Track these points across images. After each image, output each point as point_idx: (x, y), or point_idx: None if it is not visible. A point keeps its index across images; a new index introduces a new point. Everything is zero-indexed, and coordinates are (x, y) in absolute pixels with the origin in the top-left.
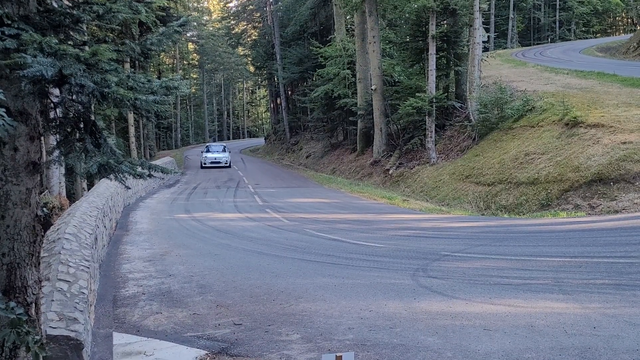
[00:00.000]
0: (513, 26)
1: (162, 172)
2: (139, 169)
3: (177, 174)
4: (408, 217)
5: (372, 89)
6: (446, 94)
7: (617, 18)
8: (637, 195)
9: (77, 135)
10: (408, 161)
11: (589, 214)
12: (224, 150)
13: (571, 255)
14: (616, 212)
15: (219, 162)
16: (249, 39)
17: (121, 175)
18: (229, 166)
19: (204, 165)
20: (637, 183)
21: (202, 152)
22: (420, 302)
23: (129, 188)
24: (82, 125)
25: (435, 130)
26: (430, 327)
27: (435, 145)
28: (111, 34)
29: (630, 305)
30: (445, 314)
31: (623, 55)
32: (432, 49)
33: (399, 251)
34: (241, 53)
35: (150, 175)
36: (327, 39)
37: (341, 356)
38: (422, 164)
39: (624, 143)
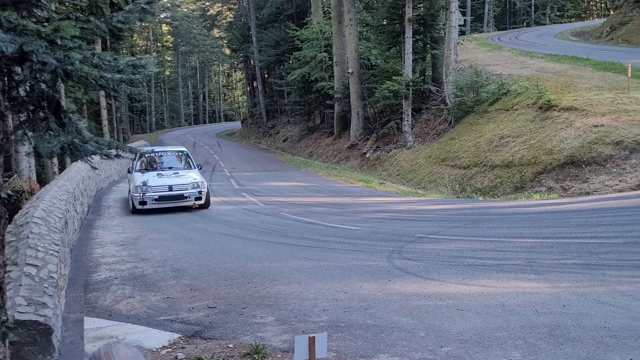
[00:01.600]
0: (489, 10)
1: (130, 152)
2: (106, 149)
3: (150, 155)
4: (384, 200)
5: (349, 73)
6: (423, 77)
7: (590, 3)
8: (608, 177)
9: (41, 114)
10: (385, 144)
11: (562, 195)
12: (187, 166)
13: (543, 236)
14: (588, 194)
15: (178, 198)
16: (224, 21)
17: (86, 155)
18: (206, 205)
19: (139, 206)
20: (608, 165)
21: (132, 170)
22: (394, 283)
23: (96, 168)
24: (45, 104)
25: (412, 113)
26: (404, 308)
27: (412, 128)
28: (81, 14)
29: (599, 284)
30: (419, 294)
31: (596, 39)
32: (408, 32)
33: (375, 233)
34: (217, 35)
35: (118, 156)
36: (304, 21)
37: (314, 337)
38: (399, 148)
39: (596, 126)
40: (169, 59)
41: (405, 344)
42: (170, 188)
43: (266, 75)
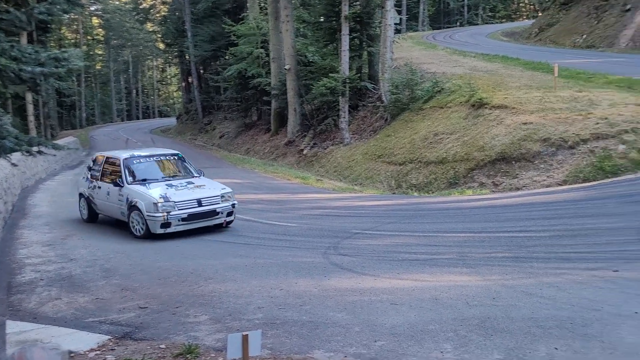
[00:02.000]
0: (424, 9)
1: (54, 148)
2: (27, 145)
3: (78, 150)
4: (321, 197)
5: (286, 69)
6: (359, 74)
7: (520, 4)
8: (536, 173)
9: None
10: (322, 141)
11: (493, 191)
12: (190, 173)
13: (475, 231)
14: (517, 189)
15: (210, 215)
16: (158, 15)
17: (5, 152)
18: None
19: (160, 230)
20: (536, 161)
21: (123, 182)
22: (330, 279)
23: (15, 165)
24: None
25: (349, 110)
26: (340, 304)
27: (349, 125)
28: (5, 4)
29: (527, 276)
30: (354, 290)
31: (525, 40)
32: (345, 30)
33: (312, 230)
34: (150, 29)
35: (40, 152)
36: (240, 16)
37: (247, 335)
38: (336, 144)
39: (525, 124)
40: (100, 52)
41: (340, 340)
42: (200, 203)
43: (202, 71)
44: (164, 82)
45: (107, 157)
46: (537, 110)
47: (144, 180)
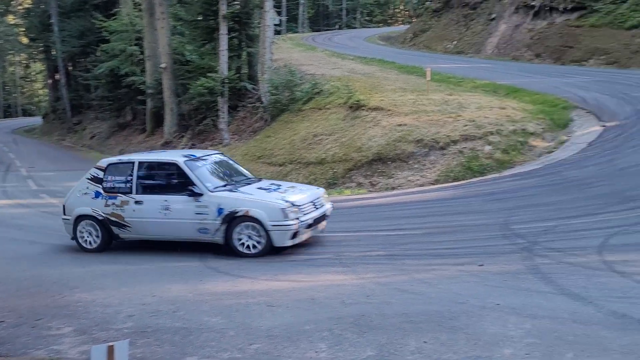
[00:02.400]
0: (304, 11)
1: None
2: None
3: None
4: None
5: (161, 68)
6: (238, 75)
7: (396, 10)
8: (411, 173)
9: None
10: (201, 142)
11: (370, 191)
12: (245, 176)
13: (352, 230)
14: (393, 188)
15: (321, 219)
16: (20, 7)
17: None
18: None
19: (288, 241)
20: (411, 162)
21: (207, 190)
22: (206, 283)
23: None
24: None
25: (228, 111)
26: (215, 308)
27: (228, 126)
28: None
29: (400, 273)
30: (230, 293)
31: (401, 44)
32: (223, 29)
33: None
34: (12, 22)
35: None
36: (113, 12)
37: (113, 345)
38: (215, 145)
39: (400, 125)
40: None
41: (215, 345)
42: (315, 205)
43: (70, 68)
44: (27, 79)
45: (142, 162)
46: (411, 113)
47: (225, 185)
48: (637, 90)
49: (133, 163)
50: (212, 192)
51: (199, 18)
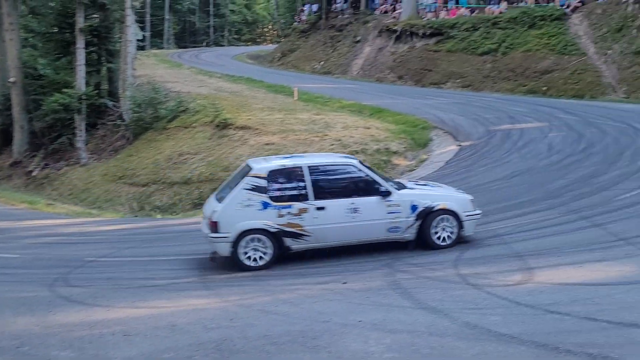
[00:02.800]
0: (169, 27)
1: None
2: None
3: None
4: (52, 223)
5: (10, 82)
6: (98, 91)
7: (264, 29)
8: None
9: None
10: (56, 161)
11: None
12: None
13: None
14: None
15: None
16: None
17: None
18: None
19: None
20: None
21: (386, 187)
22: (56, 314)
23: None
24: None
25: (87, 129)
26: (65, 341)
27: (87, 144)
28: None
29: (264, 294)
30: (83, 324)
31: (269, 63)
32: (80, 43)
33: (37, 260)
34: None
35: None
36: None
37: None
38: (72, 165)
39: (267, 144)
40: None
41: None
42: None
43: None
44: None
45: (313, 166)
46: (279, 132)
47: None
48: (488, 112)
49: (301, 167)
50: (399, 191)
51: (53, 30)
